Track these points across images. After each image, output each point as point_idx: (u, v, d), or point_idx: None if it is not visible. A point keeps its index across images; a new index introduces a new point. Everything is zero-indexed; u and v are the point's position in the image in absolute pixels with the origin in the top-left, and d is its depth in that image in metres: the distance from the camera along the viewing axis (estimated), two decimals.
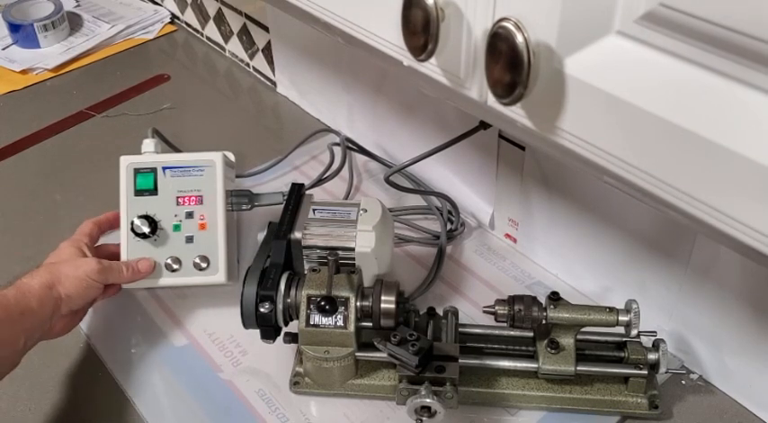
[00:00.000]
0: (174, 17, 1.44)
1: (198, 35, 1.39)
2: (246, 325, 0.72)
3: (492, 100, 0.44)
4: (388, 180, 0.81)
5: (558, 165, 0.80)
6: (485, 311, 0.73)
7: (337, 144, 1.08)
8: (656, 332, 0.73)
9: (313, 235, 0.76)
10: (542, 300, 0.72)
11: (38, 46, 1.34)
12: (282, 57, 1.18)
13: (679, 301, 0.76)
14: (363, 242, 0.75)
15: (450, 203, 0.96)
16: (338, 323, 0.70)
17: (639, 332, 0.70)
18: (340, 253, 0.74)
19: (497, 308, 0.72)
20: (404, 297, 0.73)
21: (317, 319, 0.71)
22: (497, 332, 0.76)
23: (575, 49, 0.39)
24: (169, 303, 0.87)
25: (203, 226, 0.80)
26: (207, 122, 1.18)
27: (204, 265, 0.79)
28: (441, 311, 0.77)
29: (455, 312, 0.77)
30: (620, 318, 0.70)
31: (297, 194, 0.81)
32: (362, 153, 1.06)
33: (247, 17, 1.22)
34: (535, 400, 0.74)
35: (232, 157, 0.87)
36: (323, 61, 1.09)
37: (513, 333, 0.75)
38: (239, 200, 0.86)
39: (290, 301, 0.71)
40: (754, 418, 0.74)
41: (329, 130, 1.13)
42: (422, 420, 0.67)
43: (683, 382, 0.77)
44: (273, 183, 1.04)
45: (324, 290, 0.70)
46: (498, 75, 0.41)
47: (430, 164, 0.91)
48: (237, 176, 0.99)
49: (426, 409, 0.67)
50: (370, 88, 1.02)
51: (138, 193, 0.80)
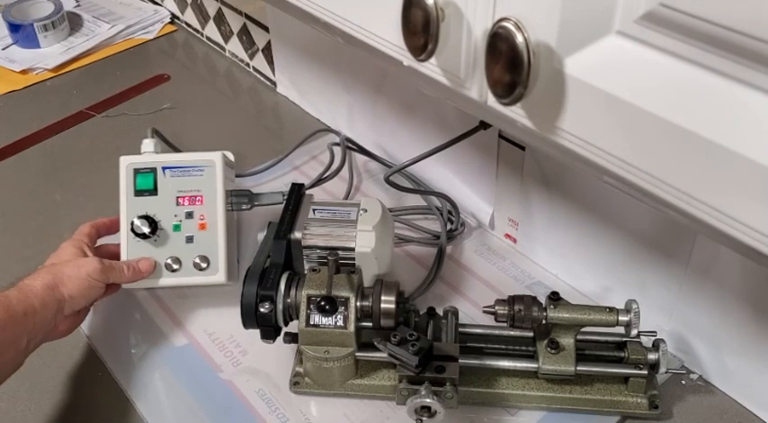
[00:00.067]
0: (174, 17, 1.44)
1: (198, 35, 1.39)
2: (246, 325, 0.72)
3: (492, 100, 0.44)
4: (388, 180, 0.82)
5: (558, 165, 0.80)
6: (485, 311, 0.73)
7: (337, 144, 1.08)
8: (656, 332, 0.73)
9: (313, 235, 0.76)
10: (542, 300, 0.72)
11: (38, 46, 1.34)
12: (282, 57, 1.18)
13: (679, 301, 0.76)
14: (363, 242, 0.75)
15: (451, 203, 0.96)
16: (338, 323, 0.70)
17: (639, 332, 0.70)
18: (340, 253, 0.73)
19: (497, 308, 0.72)
20: (404, 297, 0.73)
21: (317, 319, 0.71)
22: (497, 332, 0.76)
23: (575, 49, 0.39)
24: (169, 303, 0.87)
25: (203, 226, 0.80)
26: (207, 122, 1.18)
27: (204, 265, 0.79)
28: (441, 311, 0.77)
29: (455, 312, 0.77)
30: (620, 318, 0.70)
31: (297, 194, 0.81)
32: (362, 153, 1.06)
33: (247, 17, 1.22)
34: (535, 400, 0.74)
35: (232, 157, 0.87)
36: (323, 61, 1.09)
37: (513, 333, 0.75)
38: (239, 200, 0.86)
39: (289, 301, 0.71)
40: (754, 418, 0.74)
41: (329, 130, 1.13)
42: (422, 420, 0.67)
43: (683, 382, 0.77)
44: (273, 183, 1.04)
45: (324, 290, 0.70)
46: (498, 75, 0.41)
47: (430, 164, 0.91)
48: (237, 176, 0.99)
49: (426, 409, 0.67)
50: (370, 88, 1.02)
51: (138, 193, 0.80)
